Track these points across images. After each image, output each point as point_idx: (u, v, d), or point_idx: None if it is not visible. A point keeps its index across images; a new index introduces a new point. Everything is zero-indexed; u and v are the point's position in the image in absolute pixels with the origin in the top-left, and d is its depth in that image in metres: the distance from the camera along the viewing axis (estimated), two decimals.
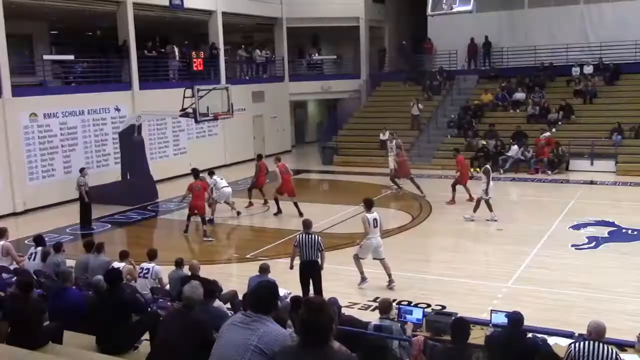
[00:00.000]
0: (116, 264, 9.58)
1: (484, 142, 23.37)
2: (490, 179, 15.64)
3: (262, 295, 4.14)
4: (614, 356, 5.74)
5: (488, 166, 16.12)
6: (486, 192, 15.56)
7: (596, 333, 5.89)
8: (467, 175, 18.05)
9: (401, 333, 7.15)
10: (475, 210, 15.75)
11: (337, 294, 9.18)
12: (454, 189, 17.84)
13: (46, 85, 20.04)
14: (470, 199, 17.36)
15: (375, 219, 11.10)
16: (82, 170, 16.76)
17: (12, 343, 6.48)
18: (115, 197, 18.77)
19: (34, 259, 10.15)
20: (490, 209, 15.63)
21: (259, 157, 19.04)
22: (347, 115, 29.72)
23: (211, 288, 7.38)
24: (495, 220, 15.50)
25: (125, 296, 7.13)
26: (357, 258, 11.25)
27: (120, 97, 21.57)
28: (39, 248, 10.28)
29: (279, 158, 17.99)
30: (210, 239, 15.06)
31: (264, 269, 9.04)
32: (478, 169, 22.51)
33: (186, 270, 9.43)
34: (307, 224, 10.31)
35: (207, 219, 15.66)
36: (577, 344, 5.90)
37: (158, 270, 9.66)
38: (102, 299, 7.10)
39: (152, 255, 9.92)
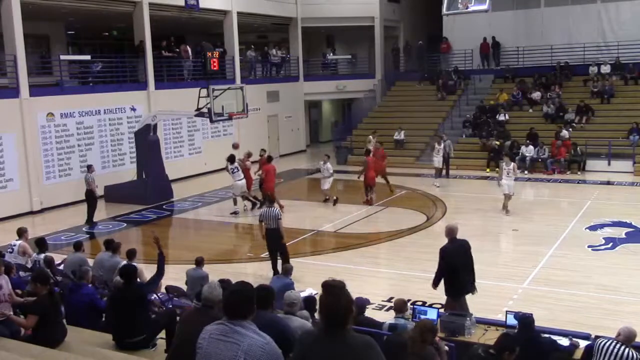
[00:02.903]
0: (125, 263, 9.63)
1: (497, 143, 23.26)
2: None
3: (236, 302, 3.90)
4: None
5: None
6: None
7: (625, 336, 5.86)
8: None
9: (405, 328, 7.10)
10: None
11: (352, 294, 9.18)
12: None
13: (63, 85, 20.21)
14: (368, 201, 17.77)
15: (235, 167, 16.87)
16: (89, 167, 17.03)
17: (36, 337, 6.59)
18: (131, 196, 18.91)
19: (38, 267, 10.09)
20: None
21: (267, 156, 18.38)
22: (361, 115, 29.69)
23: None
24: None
25: (138, 292, 7.17)
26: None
27: (136, 97, 21.70)
28: (42, 255, 10.16)
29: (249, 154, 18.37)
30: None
31: (287, 270, 9.06)
32: (490, 169, 22.52)
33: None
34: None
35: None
36: (602, 342, 5.88)
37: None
38: (116, 296, 7.18)
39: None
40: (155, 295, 9.01)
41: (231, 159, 17.27)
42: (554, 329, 7.35)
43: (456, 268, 8.63)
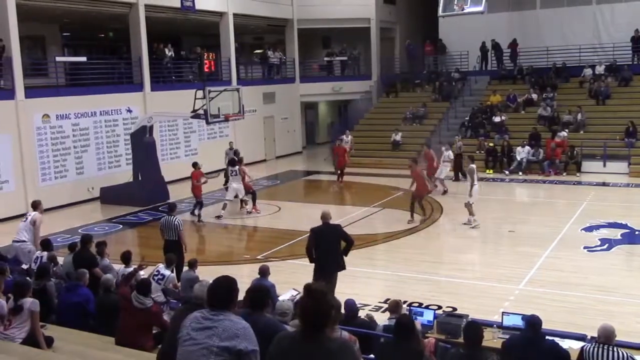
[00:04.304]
0: (120, 271, 9.62)
1: (492, 144, 23.31)
2: (475, 180, 15.26)
3: (215, 292, 4.03)
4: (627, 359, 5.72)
5: (473, 166, 15.60)
6: (470, 194, 15.25)
7: (604, 337, 5.86)
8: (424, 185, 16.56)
9: None
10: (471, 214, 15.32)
11: (349, 296, 9.16)
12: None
13: (58, 87, 20.15)
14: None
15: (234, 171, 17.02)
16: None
17: None
18: (127, 197, 18.88)
19: (40, 262, 10.13)
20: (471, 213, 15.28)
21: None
22: (358, 117, 29.71)
23: None
24: (473, 227, 15.14)
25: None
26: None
27: (132, 99, 21.67)
28: (45, 253, 10.26)
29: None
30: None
31: (264, 272, 8.85)
32: (491, 170, 22.54)
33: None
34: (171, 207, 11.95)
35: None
36: (588, 347, 5.88)
37: (173, 279, 9.66)
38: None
39: (169, 261, 9.86)
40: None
41: (232, 162, 17.68)
42: (550, 330, 7.35)
43: (321, 246, 9.68)
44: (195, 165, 17.50)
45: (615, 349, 5.79)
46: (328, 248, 9.71)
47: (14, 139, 17.86)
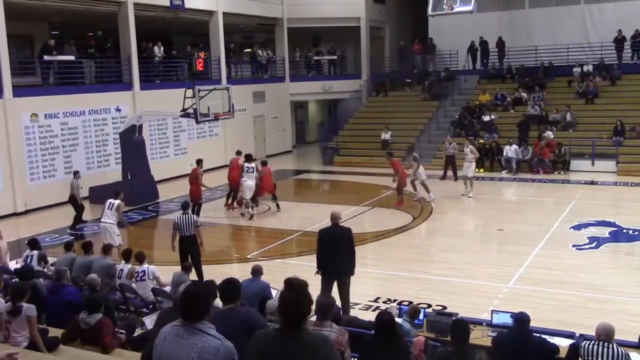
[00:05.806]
0: (119, 267, 9.63)
1: (482, 142, 23.40)
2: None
3: (188, 304, 3.86)
4: (623, 357, 5.77)
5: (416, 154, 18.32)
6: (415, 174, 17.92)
7: (605, 335, 5.91)
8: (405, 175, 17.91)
9: (409, 332, 7.11)
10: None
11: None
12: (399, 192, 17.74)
13: (47, 86, 20.04)
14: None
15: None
16: (75, 173, 16.73)
17: None
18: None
19: (30, 262, 10.11)
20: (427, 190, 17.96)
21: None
22: (347, 116, 29.73)
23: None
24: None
25: None
26: None
27: (121, 98, 21.58)
28: (34, 252, 10.23)
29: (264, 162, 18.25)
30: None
31: (256, 271, 8.65)
32: (482, 169, 22.60)
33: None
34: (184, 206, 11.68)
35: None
36: (588, 344, 5.92)
37: (153, 270, 9.60)
38: None
39: (141, 257, 9.83)
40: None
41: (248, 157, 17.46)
42: (539, 328, 7.38)
43: (329, 249, 9.12)
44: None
45: (613, 346, 5.84)
46: (334, 250, 9.11)
47: (2, 138, 17.75)
